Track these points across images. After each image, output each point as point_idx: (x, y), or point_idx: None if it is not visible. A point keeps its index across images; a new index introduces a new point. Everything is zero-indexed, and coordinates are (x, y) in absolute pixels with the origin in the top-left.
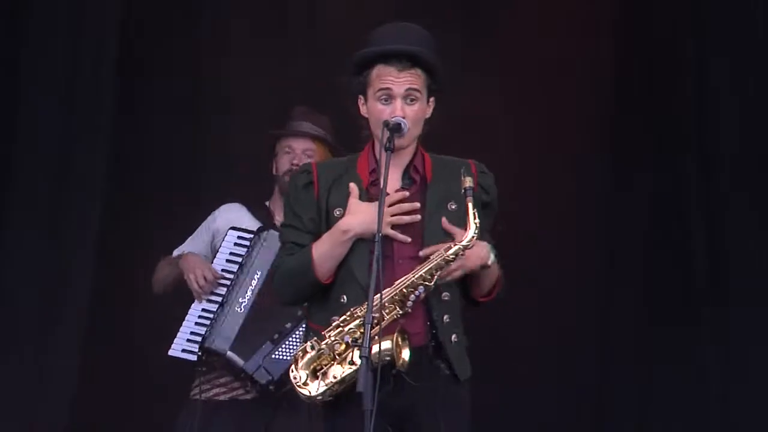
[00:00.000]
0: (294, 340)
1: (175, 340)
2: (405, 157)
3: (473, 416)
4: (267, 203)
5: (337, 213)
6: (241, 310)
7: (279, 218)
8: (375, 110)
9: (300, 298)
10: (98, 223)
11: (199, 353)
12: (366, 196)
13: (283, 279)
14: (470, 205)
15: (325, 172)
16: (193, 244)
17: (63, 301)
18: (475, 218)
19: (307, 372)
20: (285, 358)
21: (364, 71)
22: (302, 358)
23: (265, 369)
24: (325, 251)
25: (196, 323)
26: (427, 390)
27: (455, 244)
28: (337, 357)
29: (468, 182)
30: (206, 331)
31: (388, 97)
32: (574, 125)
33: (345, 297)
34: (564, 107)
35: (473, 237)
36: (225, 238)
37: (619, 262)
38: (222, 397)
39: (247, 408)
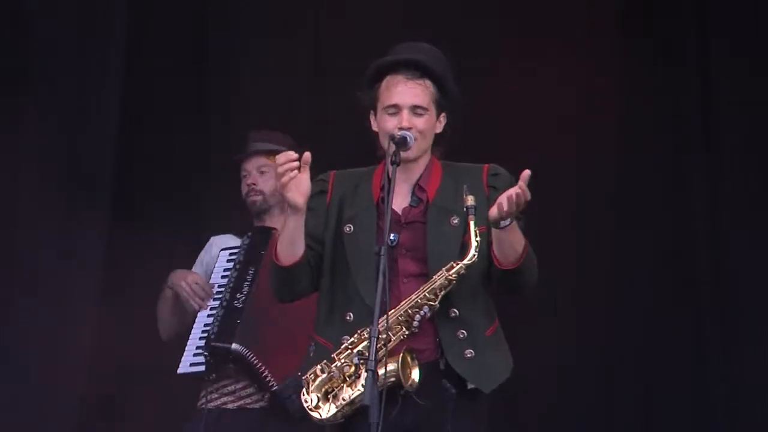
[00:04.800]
0: None
1: (182, 359)
2: (415, 172)
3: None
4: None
5: (348, 230)
6: (239, 305)
7: None
8: (382, 122)
9: (288, 292)
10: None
11: (207, 356)
12: (376, 211)
13: (270, 276)
14: (472, 224)
15: (341, 183)
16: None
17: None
18: (477, 236)
19: (318, 395)
20: None
21: (375, 84)
22: (313, 381)
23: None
24: (283, 237)
25: (200, 337)
26: (435, 407)
27: (457, 264)
28: (347, 379)
29: (470, 201)
30: (209, 332)
31: (396, 110)
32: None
33: (351, 315)
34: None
35: (474, 255)
36: (218, 260)
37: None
38: (230, 406)
39: (256, 417)
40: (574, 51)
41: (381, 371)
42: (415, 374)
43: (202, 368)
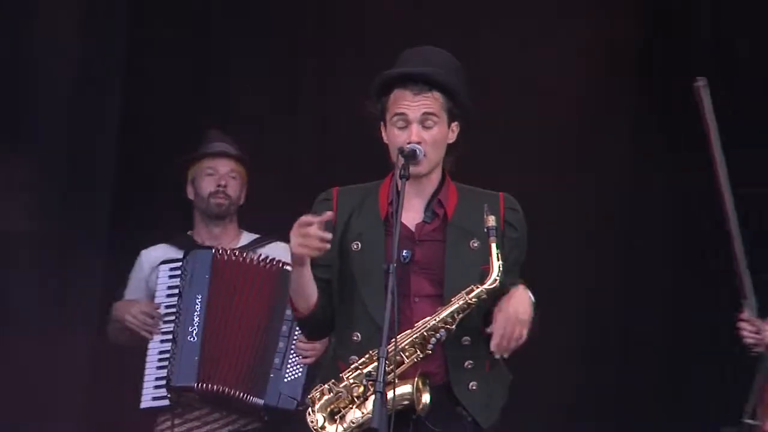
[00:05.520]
0: (294, 357)
1: (143, 392)
2: (428, 187)
3: None
4: (189, 233)
5: (355, 247)
6: (194, 339)
7: (203, 242)
8: (392, 136)
9: (322, 333)
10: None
11: (169, 396)
12: (383, 227)
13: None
14: (493, 246)
15: (346, 200)
16: (131, 293)
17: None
18: (498, 260)
19: (324, 415)
20: (297, 376)
21: (383, 97)
22: (319, 400)
23: (289, 396)
24: (292, 288)
25: (158, 367)
26: None
27: (477, 287)
28: (355, 400)
29: (491, 221)
30: (168, 371)
31: (405, 123)
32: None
33: (359, 335)
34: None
35: (496, 279)
36: (158, 275)
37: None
38: None
39: None
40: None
41: (391, 394)
42: (426, 398)
43: (166, 402)
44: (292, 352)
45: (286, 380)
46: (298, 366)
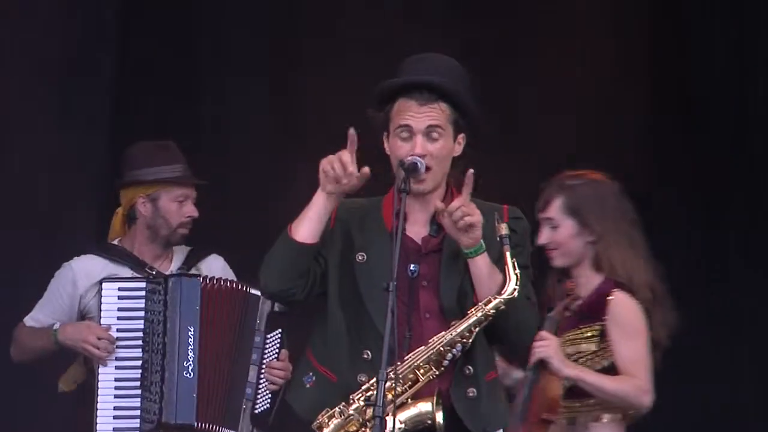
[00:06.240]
0: (264, 383)
1: (98, 421)
2: (433, 200)
3: None
4: (118, 242)
5: (360, 258)
6: (190, 375)
7: (142, 257)
8: (394, 147)
9: (288, 278)
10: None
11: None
12: (390, 239)
13: (274, 255)
14: (508, 255)
15: (346, 212)
16: (49, 311)
17: None
18: (515, 269)
19: None
20: (266, 407)
21: (387, 106)
22: (327, 425)
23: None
24: (309, 212)
25: (117, 396)
26: None
27: (495, 298)
28: (367, 423)
29: (503, 229)
30: (157, 407)
31: (408, 134)
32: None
33: (369, 353)
34: None
35: (515, 289)
36: (102, 294)
37: None
38: None
39: None
40: None
41: (408, 414)
42: (440, 416)
43: None
44: (262, 379)
45: (257, 411)
46: (267, 394)
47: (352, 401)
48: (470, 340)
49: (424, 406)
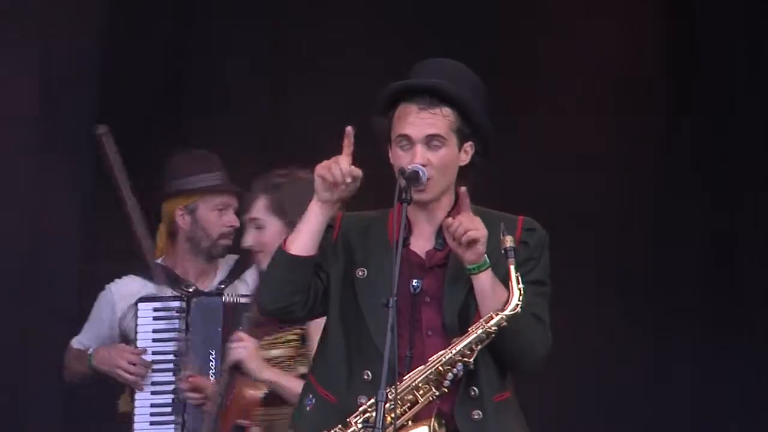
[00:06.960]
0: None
1: None
2: (439, 213)
3: None
4: (161, 261)
5: (360, 274)
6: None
7: (186, 276)
8: (395, 157)
9: (285, 295)
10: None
11: None
12: (391, 254)
13: (270, 274)
14: (512, 269)
15: (349, 225)
16: (93, 335)
17: None
18: (519, 283)
19: None
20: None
21: (389, 112)
22: None
23: None
24: (305, 226)
25: (151, 422)
26: None
27: (497, 314)
28: None
29: (509, 241)
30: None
31: (409, 143)
32: None
33: (369, 373)
34: None
35: (518, 305)
36: (138, 314)
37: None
38: None
39: None
40: None
41: None
42: None
43: None
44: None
45: None
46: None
47: (350, 424)
48: (472, 360)
49: (422, 430)
